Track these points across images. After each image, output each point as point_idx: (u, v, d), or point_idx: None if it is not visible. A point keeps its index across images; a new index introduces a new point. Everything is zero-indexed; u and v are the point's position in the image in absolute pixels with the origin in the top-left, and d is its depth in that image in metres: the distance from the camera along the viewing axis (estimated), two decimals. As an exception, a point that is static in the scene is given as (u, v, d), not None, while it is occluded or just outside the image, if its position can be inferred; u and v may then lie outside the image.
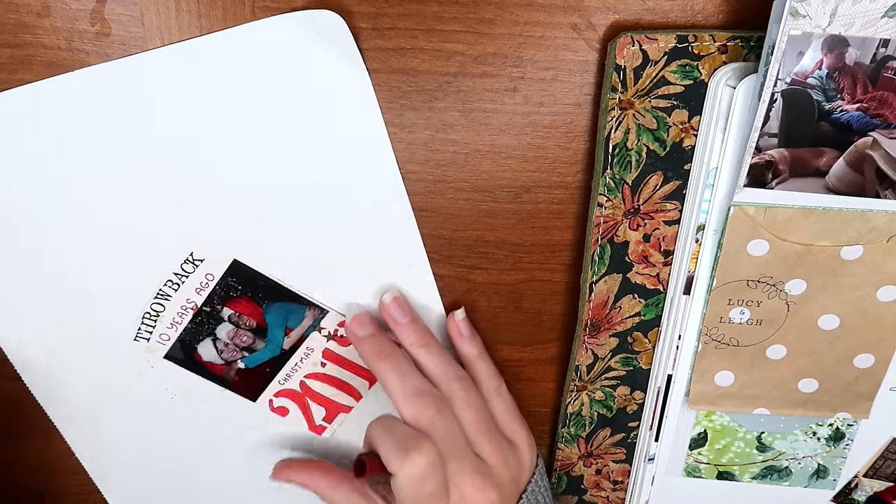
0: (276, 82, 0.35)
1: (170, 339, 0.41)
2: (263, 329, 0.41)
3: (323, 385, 0.44)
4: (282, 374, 0.43)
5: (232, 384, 0.43)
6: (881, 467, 0.46)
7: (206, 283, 0.39)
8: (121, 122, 0.35)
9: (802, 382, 0.42)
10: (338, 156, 0.37)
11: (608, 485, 0.49)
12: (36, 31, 0.34)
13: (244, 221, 0.38)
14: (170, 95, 0.35)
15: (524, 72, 0.36)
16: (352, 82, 0.35)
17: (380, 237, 0.39)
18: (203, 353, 0.41)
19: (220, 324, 0.41)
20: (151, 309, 0.40)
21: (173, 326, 0.40)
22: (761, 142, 0.34)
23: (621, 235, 0.39)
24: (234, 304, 0.40)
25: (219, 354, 0.42)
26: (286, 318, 0.41)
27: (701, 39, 0.34)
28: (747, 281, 0.39)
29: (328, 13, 0.33)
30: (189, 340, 0.41)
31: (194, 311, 0.40)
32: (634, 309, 0.41)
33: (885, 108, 0.33)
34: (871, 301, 0.39)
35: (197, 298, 0.40)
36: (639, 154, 0.36)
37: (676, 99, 0.35)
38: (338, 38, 0.34)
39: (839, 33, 0.31)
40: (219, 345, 0.41)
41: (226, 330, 0.41)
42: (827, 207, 0.36)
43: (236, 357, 0.42)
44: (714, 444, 0.45)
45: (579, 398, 0.45)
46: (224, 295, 0.40)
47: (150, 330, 0.40)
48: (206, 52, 0.34)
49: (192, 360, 0.42)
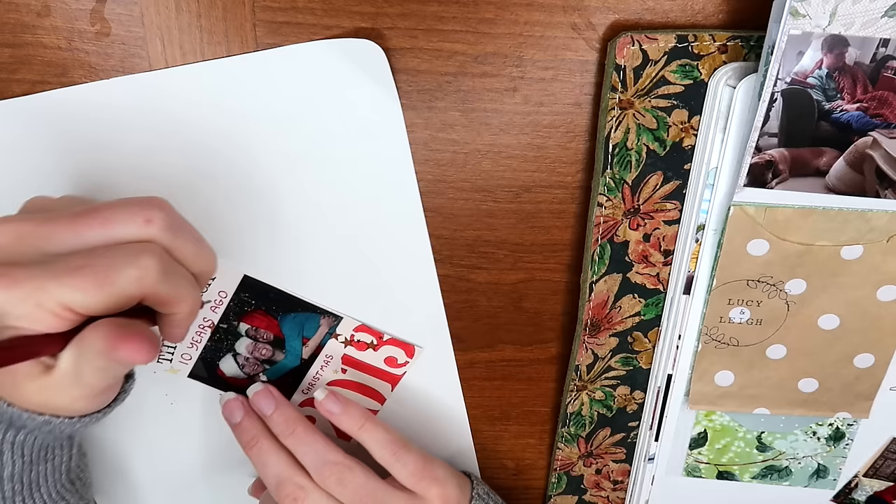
0: (304, 103, 0.35)
1: (192, 359, 0.41)
2: (281, 340, 0.41)
3: (346, 391, 0.44)
4: (305, 384, 0.43)
5: None
6: (881, 467, 0.46)
7: (220, 300, 0.39)
8: (141, 135, 0.35)
9: (802, 382, 0.42)
10: (358, 174, 0.37)
11: (608, 484, 0.49)
12: (36, 31, 0.34)
13: (254, 236, 0.38)
14: (191, 112, 0.35)
15: (524, 72, 0.36)
16: (381, 106, 0.36)
17: (392, 249, 0.39)
18: (225, 369, 0.42)
19: (238, 339, 0.41)
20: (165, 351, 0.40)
21: (193, 346, 0.41)
22: (761, 141, 0.34)
23: (621, 235, 0.39)
24: (249, 319, 0.40)
25: (241, 369, 0.42)
26: (302, 328, 0.41)
27: (701, 39, 0.34)
28: (747, 281, 0.39)
29: (368, 43, 0.34)
30: (210, 358, 0.41)
31: (212, 329, 0.40)
32: (634, 309, 0.41)
33: (885, 107, 0.33)
34: (871, 301, 0.39)
35: (213, 316, 0.40)
36: (639, 154, 0.36)
37: (676, 99, 0.35)
38: (374, 65, 0.34)
39: (839, 33, 0.31)
40: (239, 360, 0.42)
41: (245, 344, 0.41)
42: (827, 207, 0.36)
43: (258, 370, 0.42)
44: (714, 444, 0.45)
45: (579, 398, 0.45)
46: (239, 310, 0.40)
47: (172, 351, 0.41)
48: (235, 71, 0.35)
49: (215, 376, 0.42)
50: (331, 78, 0.35)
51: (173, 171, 0.36)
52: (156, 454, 0.45)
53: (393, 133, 0.36)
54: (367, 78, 0.35)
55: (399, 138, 0.37)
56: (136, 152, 0.36)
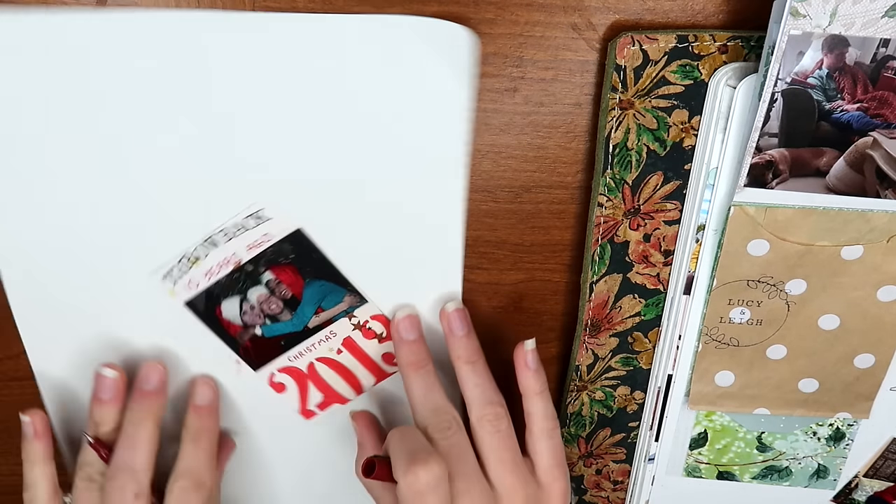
0: (379, 78, 0.35)
1: (198, 287, 0.39)
2: (297, 302, 0.40)
3: (330, 371, 0.43)
4: (294, 351, 0.42)
5: (241, 348, 0.42)
6: (881, 467, 0.46)
7: (261, 242, 0.38)
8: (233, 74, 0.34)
9: (802, 382, 0.42)
10: (415, 160, 0.37)
11: (608, 485, 0.49)
12: (36, 31, 0.34)
13: (316, 195, 0.38)
14: (273, 61, 0.34)
15: (524, 72, 0.36)
16: (452, 95, 0.35)
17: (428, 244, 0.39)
18: (225, 310, 0.40)
19: (255, 286, 0.40)
20: (193, 253, 0.38)
21: (208, 276, 0.39)
22: (761, 142, 0.34)
23: (621, 235, 0.39)
24: (278, 271, 0.39)
25: (241, 315, 0.40)
26: (323, 298, 0.40)
27: (701, 39, 0.34)
28: (747, 281, 0.39)
29: (458, 27, 0.33)
30: (217, 294, 0.40)
31: (235, 267, 0.39)
32: (634, 309, 0.41)
33: (885, 107, 0.33)
34: (871, 301, 0.39)
35: (244, 254, 0.39)
36: (639, 154, 0.36)
37: (676, 99, 0.35)
38: (456, 52, 0.34)
39: (839, 33, 0.31)
40: (245, 306, 0.40)
41: (258, 294, 0.40)
42: (827, 207, 0.36)
43: (256, 322, 0.41)
44: (714, 444, 0.45)
45: (579, 398, 0.45)
46: (272, 259, 0.39)
47: (184, 272, 0.39)
48: (322, 30, 0.33)
49: (211, 314, 0.40)
50: (407, 55, 0.34)
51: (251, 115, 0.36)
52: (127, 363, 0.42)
53: (455, 125, 0.36)
54: (445, 63, 0.34)
55: (458, 133, 0.36)
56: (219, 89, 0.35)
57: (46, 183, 0.36)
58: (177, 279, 0.39)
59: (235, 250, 0.39)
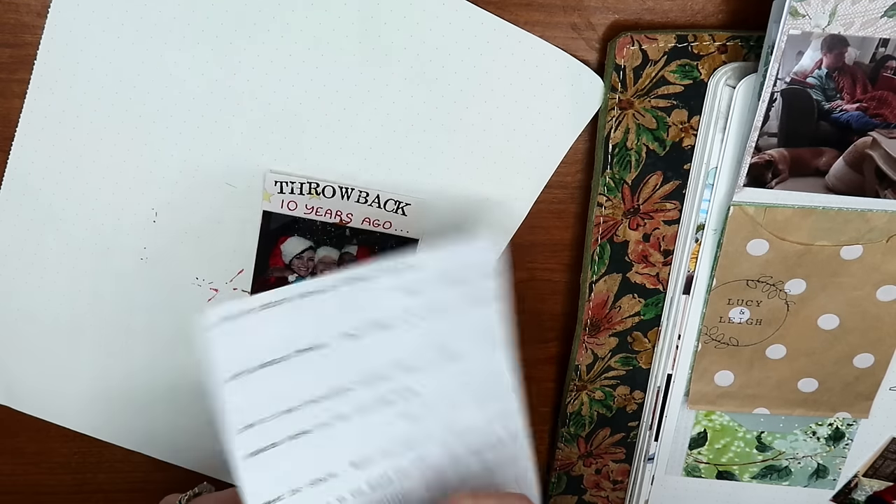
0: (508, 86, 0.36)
1: (290, 211, 0.38)
2: None
3: None
4: None
5: (262, 280, 0.40)
6: (881, 467, 0.46)
7: (378, 224, 0.38)
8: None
9: (802, 382, 0.42)
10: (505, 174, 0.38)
11: (608, 484, 0.49)
12: (36, 31, 0.34)
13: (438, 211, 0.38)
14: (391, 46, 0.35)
15: (524, 71, 0.36)
16: (563, 130, 0.36)
17: None
18: (290, 243, 0.39)
19: (332, 248, 0.39)
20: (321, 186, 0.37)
21: (310, 211, 0.38)
22: (761, 141, 0.34)
23: (621, 235, 0.39)
24: (362, 253, 0.39)
25: (294, 256, 0.39)
26: None
27: (701, 39, 0.34)
28: (747, 280, 0.39)
29: (594, 76, 0.35)
30: (297, 228, 0.39)
31: (338, 223, 0.38)
32: (634, 308, 0.41)
33: (884, 107, 0.33)
34: (870, 301, 0.39)
35: (356, 221, 0.38)
36: (638, 154, 0.37)
37: (676, 99, 0.35)
38: (584, 97, 0.36)
39: (839, 33, 0.31)
40: (306, 253, 0.39)
41: (326, 254, 0.39)
42: (827, 207, 0.36)
43: (300, 272, 0.40)
44: (714, 444, 0.45)
45: (579, 398, 0.45)
46: (371, 242, 0.38)
47: (294, 191, 0.38)
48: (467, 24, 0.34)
49: (273, 236, 0.39)
50: (539, 81, 0.35)
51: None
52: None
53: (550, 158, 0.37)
54: (571, 102, 0.36)
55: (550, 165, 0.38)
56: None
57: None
58: (285, 191, 0.38)
59: (354, 212, 0.38)
